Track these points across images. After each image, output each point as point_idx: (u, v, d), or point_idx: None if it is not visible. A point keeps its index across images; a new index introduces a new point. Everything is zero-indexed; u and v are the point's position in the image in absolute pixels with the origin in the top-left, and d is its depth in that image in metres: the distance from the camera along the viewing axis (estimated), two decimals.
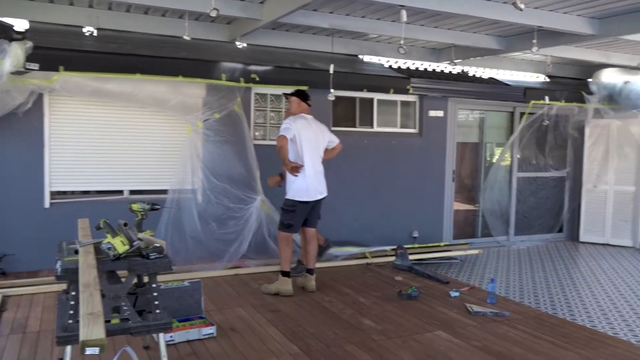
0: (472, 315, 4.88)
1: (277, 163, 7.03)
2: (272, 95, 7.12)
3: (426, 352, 3.97)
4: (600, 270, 7.28)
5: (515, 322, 4.73)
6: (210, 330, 4.15)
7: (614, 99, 8.62)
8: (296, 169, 5.22)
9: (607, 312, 5.47)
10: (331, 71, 6.53)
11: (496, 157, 9.16)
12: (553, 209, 9.46)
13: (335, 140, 5.75)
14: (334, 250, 6.79)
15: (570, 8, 5.68)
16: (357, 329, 4.43)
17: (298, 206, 5.40)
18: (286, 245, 5.43)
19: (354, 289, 5.67)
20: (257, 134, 7.13)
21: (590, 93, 8.73)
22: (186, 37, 5.89)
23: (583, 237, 9.30)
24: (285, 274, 5.40)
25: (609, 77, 8.60)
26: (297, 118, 5.41)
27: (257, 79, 6.63)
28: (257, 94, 7.05)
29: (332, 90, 6.58)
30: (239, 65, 6.60)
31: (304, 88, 6.98)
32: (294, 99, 5.56)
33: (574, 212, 9.44)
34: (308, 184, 5.40)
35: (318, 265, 6.49)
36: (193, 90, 6.40)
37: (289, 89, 5.84)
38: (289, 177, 5.38)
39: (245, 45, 7.08)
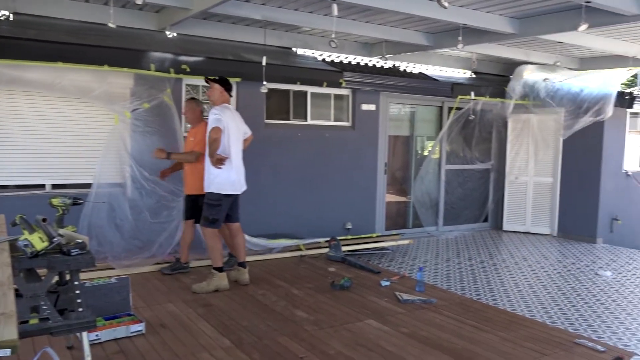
0: (402, 303, 5.04)
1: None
2: (204, 86, 6.98)
3: (357, 340, 4.07)
4: (521, 257, 7.72)
5: (441, 308, 4.93)
6: (139, 327, 4.05)
7: (534, 95, 9.11)
8: (221, 161, 5.10)
9: (526, 295, 5.81)
10: (264, 63, 6.49)
11: (426, 150, 9.46)
12: (479, 200, 9.90)
13: (249, 132, 5.64)
14: (268, 243, 6.80)
15: (492, 8, 5.95)
16: (289, 321, 4.46)
17: (224, 200, 5.27)
18: (215, 240, 5.33)
19: (287, 281, 5.70)
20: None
21: (512, 89, 9.17)
22: (111, 25, 5.65)
23: (506, 226, 9.81)
24: (219, 269, 5.33)
25: (530, 75, 9.08)
26: (223, 109, 5.26)
27: (188, 69, 6.48)
28: (188, 85, 6.90)
29: (265, 83, 6.55)
30: (169, 56, 6.42)
31: (237, 80, 6.95)
32: (216, 86, 5.32)
33: (497, 202, 9.93)
34: (234, 177, 5.30)
35: (251, 258, 6.48)
36: (120, 79, 6.17)
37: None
38: (211, 170, 5.18)
39: (175, 35, 6.90)
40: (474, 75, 9.71)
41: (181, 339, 3.99)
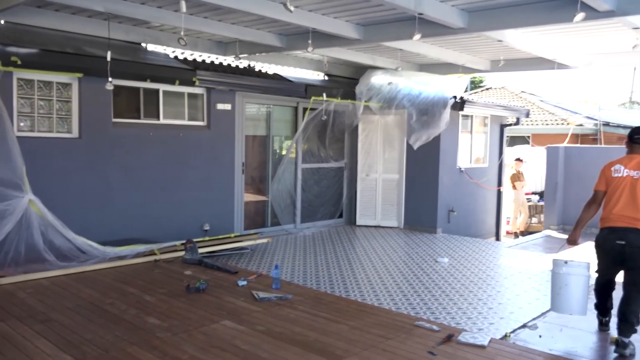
0: (258, 301, 5.08)
1: (49, 157, 6.39)
2: (40, 81, 6.37)
3: (211, 342, 4.02)
4: (372, 250, 8.22)
5: (297, 303, 5.07)
6: None
7: (381, 97, 9.75)
8: None
9: (375, 285, 6.21)
10: (108, 58, 6.10)
11: (283, 149, 9.64)
12: (334, 197, 10.35)
13: None
14: (119, 251, 6.42)
15: (339, 14, 6.25)
16: (140, 329, 4.27)
17: None
18: None
19: (139, 288, 5.44)
20: (22, 124, 6.32)
21: (361, 92, 9.72)
22: None
23: (359, 221, 10.38)
24: None
25: (376, 78, 9.70)
26: None
27: (19, 62, 5.86)
28: (21, 79, 6.24)
29: (110, 80, 6.15)
30: None
31: (78, 75, 6.46)
32: None
33: (351, 199, 10.47)
34: None
35: (100, 266, 6.10)
36: None
37: (63, 76, 5.28)
38: None
39: (2, 22, 6.19)
40: (326, 78, 10.12)
41: None
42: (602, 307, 4.82)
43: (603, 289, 4.75)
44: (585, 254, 6.38)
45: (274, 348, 3.93)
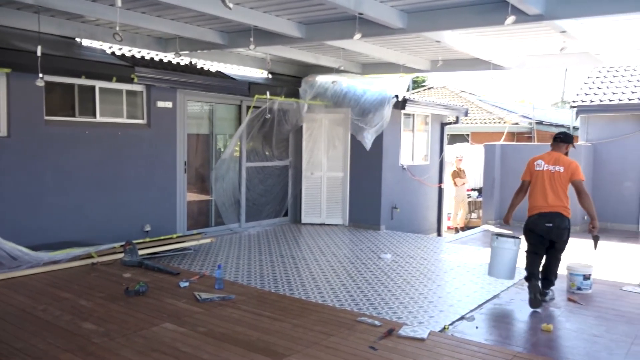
0: (200, 302, 5.01)
1: None
2: None
3: (151, 346, 3.93)
4: (317, 248, 8.27)
5: (240, 303, 5.03)
6: None
7: (325, 96, 9.81)
8: None
9: (319, 282, 6.25)
10: (38, 53, 5.81)
11: (225, 148, 9.52)
12: (279, 196, 10.32)
13: None
14: (53, 256, 6.15)
15: (281, 12, 6.23)
16: (75, 335, 4.11)
17: None
18: None
19: (75, 293, 5.23)
20: None
21: (304, 90, 9.75)
22: None
23: (304, 219, 10.41)
24: None
25: (320, 77, 9.75)
26: None
27: None
28: None
29: (41, 75, 5.87)
30: None
31: (6, 71, 6.15)
32: None
33: (296, 197, 10.48)
34: None
35: (32, 271, 5.83)
36: None
37: None
38: None
39: None
40: (270, 76, 10.07)
41: None
42: (531, 277, 5.53)
43: (532, 264, 5.56)
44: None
45: (216, 349, 3.88)
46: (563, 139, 5.70)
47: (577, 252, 7.29)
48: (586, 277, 5.98)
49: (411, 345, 4.03)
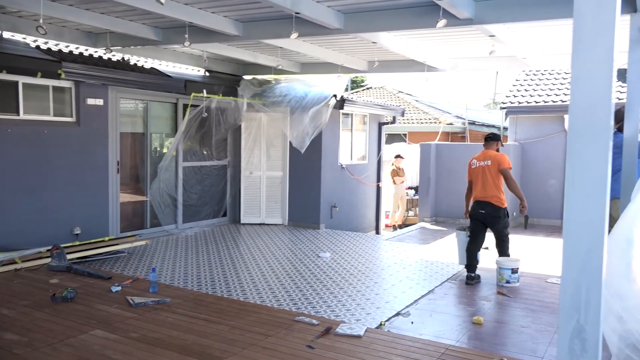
0: (133, 307, 4.84)
1: None
2: None
3: (79, 355, 3.75)
4: (256, 248, 8.20)
5: (175, 306, 4.90)
6: None
7: (264, 95, 9.75)
8: None
9: (258, 283, 6.20)
10: None
11: (164, 147, 9.27)
12: (217, 195, 10.16)
13: None
14: None
15: (217, 9, 6.13)
16: None
17: None
18: None
19: None
20: None
21: (243, 89, 9.64)
22: None
23: (244, 219, 10.30)
24: None
25: (260, 76, 9.68)
26: None
27: None
28: None
29: None
30: None
31: None
32: None
33: (235, 197, 10.35)
34: None
35: None
36: None
37: None
38: None
39: None
40: (207, 74, 9.89)
41: None
42: (470, 265, 6.41)
43: (471, 242, 6.47)
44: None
45: (148, 355, 3.76)
46: (492, 137, 6.65)
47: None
48: (514, 271, 6.26)
49: (348, 342, 4.07)
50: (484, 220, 6.38)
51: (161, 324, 4.41)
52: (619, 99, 8.00)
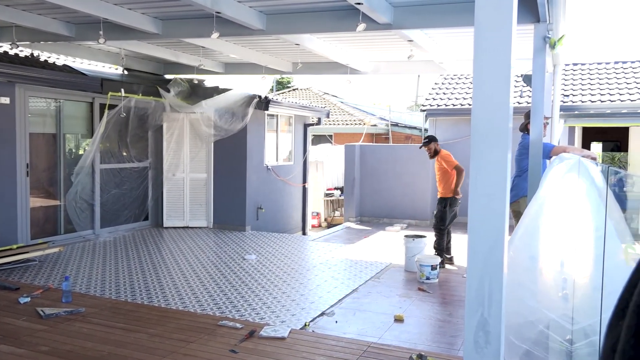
0: (44, 318, 4.56)
1: None
2: None
3: None
4: (179, 252, 7.98)
5: (90, 316, 4.67)
6: None
7: (185, 95, 9.52)
8: None
9: (180, 288, 6.04)
10: None
11: (77, 149, 8.80)
12: (138, 199, 9.79)
13: None
14: None
15: (134, 5, 5.91)
16: None
17: None
18: None
19: None
20: None
21: (166, 89, 9.37)
22: None
23: (167, 222, 10.00)
24: None
25: (180, 75, 9.44)
26: None
27: None
28: None
29: None
30: None
31: None
32: None
33: (157, 199, 10.03)
34: None
35: None
36: None
37: None
38: None
39: None
40: (126, 72, 9.51)
41: None
42: (439, 249, 7.41)
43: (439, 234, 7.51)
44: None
45: None
46: (430, 139, 7.62)
47: (429, 245, 7.91)
48: (433, 268, 6.51)
49: (272, 345, 4.06)
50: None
51: (75, 335, 4.18)
52: (528, 103, 8.53)
